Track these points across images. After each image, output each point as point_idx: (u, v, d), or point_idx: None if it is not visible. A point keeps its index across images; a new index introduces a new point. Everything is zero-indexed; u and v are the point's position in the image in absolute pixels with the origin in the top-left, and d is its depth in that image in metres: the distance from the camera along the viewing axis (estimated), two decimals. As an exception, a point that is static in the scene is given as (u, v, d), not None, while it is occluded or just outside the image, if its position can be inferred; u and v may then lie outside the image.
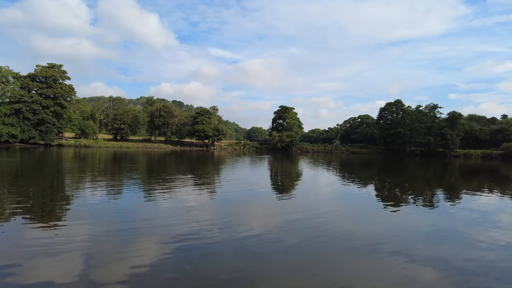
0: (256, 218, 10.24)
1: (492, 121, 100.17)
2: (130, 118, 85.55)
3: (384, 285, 5.44)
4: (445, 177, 28.56)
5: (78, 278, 5.27)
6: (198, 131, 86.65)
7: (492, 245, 7.94)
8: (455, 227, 9.70)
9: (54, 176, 19.36)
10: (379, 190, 18.09)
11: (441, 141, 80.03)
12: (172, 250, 6.74)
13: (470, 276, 5.91)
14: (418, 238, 8.41)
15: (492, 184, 23.58)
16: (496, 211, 12.47)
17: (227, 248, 6.94)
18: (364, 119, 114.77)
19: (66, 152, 46.89)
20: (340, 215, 10.95)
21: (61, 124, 64.72)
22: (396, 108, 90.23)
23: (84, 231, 7.87)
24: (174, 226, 8.65)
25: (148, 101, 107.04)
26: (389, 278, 5.78)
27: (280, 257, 6.57)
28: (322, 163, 42.20)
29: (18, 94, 57.49)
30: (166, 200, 12.47)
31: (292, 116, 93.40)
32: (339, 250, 7.21)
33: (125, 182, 17.44)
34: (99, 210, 10.24)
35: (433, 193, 17.58)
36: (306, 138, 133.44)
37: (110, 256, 6.29)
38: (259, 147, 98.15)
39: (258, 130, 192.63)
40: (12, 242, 6.93)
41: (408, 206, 13.27)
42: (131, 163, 32.15)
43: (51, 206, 10.79)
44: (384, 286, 5.42)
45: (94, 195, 12.89)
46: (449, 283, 5.60)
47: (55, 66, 62.99)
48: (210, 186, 16.96)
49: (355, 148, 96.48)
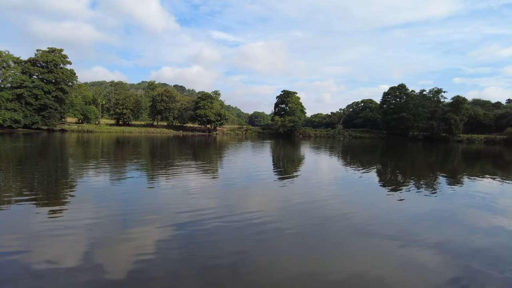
0: (258, 202, 10.35)
1: (496, 105, 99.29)
2: (132, 102, 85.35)
3: (383, 268, 5.54)
4: (447, 162, 28.55)
5: (84, 261, 5.40)
6: (200, 116, 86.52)
7: (491, 229, 8.02)
8: (455, 211, 9.77)
9: (58, 161, 19.53)
10: (381, 175, 18.15)
11: (444, 126, 79.61)
12: (175, 233, 6.86)
13: (468, 259, 6.00)
14: (418, 222, 8.49)
15: (494, 169, 23.58)
16: (497, 195, 12.52)
17: (229, 231, 7.05)
18: (367, 104, 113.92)
19: (69, 137, 47.11)
20: (340, 199, 11.04)
21: (63, 109, 64.71)
22: (399, 92, 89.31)
23: (89, 214, 8.01)
24: (177, 209, 8.77)
25: (149, 85, 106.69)
26: (387, 261, 5.88)
27: (281, 240, 6.68)
28: (324, 148, 42.22)
29: (20, 79, 57.24)
30: (169, 184, 12.60)
31: (294, 101, 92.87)
32: (339, 234, 7.31)
33: (128, 167, 17.58)
34: (103, 194, 10.38)
35: (434, 177, 17.62)
36: (309, 123, 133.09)
37: (114, 239, 6.42)
38: (262, 132, 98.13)
39: (260, 115, 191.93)
40: (19, 225, 7.08)
41: (409, 190, 13.34)
42: (134, 147, 32.32)
43: (56, 190, 10.94)
44: (383, 269, 5.52)
45: (98, 179, 13.03)
46: (446, 266, 5.70)
47: (55, 51, 62.45)
48: (212, 171, 17.09)
49: (357, 133, 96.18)
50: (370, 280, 5.07)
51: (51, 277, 4.81)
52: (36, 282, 4.66)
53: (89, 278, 4.83)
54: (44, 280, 4.73)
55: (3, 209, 8.32)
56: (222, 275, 5.06)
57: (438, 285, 4.97)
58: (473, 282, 5.11)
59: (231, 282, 4.87)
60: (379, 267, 5.56)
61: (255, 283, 4.87)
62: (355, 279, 5.08)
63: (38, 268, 5.10)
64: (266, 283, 4.90)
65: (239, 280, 4.95)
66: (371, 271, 5.39)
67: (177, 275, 5.02)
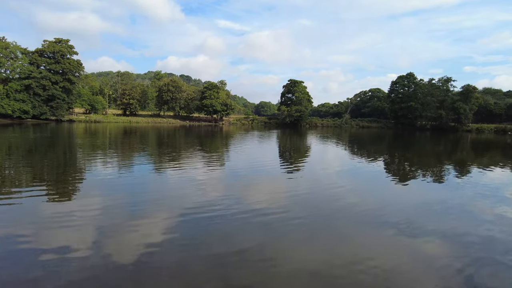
0: (264, 192, 10.37)
1: (508, 94, 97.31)
2: (139, 93, 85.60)
3: (390, 258, 5.53)
4: (455, 152, 28.21)
5: (92, 249, 5.49)
6: (207, 106, 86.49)
7: (499, 220, 7.92)
8: (463, 202, 9.67)
9: (67, 151, 19.76)
10: (388, 165, 18.02)
11: (453, 115, 78.43)
12: (181, 223, 6.92)
13: (474, 250, 5.95)
14: (425, 212, 8.43)
15: (503, 159, 23.23)
16: (506, 186, 12.35)
17: (236, 221, 7.08)
18: (375, 93, 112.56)
19: (77, 127, 47.56)
20: (347, 189, 11.00)
21: (70, 100, 65.19)
22: (408, 81, 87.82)
23: (97, 204, 8.11)
24: (183, 199, 8.84)
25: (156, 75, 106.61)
26: (395, 251, 5.86)
27: (288, 230, 6.69)
28: (331, 138, 42.00)
29: (27, 70, 57.68)
30: (175, 174, 12.68)
31: (301, 90, 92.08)
32: (346, 224, 7.30)
33: (135, 157, 17.72)
34: (110, 184, 10.49)
35: (442, 168, 17.44)
36: (315, 113, 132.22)
37: (122, 228, 6.50)
38: (268, 122, 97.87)
39: (267, 104, 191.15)
40: (29, 214, 7.20)
41: (417, 180, 13.23)
42: (141, 138, 32.53)
43: (65, 180, 11.09)
44: (391, 258, 5.51)
45: (106, 169, 13.16)
46: (455, 256, 5.65)
47: (62, 41, 62.58)
48: (219, 161, 17.14)
49: (365, 123, 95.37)
50: (377, 269, 5.06)
51: (59, 266, 4.89)
52: (45, 270, 4.75)
53: (97, 267, 4.90)
54: (53, 268, 4.81)
55: (14, 197, 8.47)
56: (229, 265, 5.09)
57: (447, 275, 4.95)
58: (481, 272, 5.07)
59: (239, 271, 4.91)
60: (387, 257, 5.55)
61: (262, 273, 4.90)
62: (363, 269, 5.08)
63: (47, 257, 5.19)
64: (273, 272, 4.92)
65: (247, 269, 4.98)
66: (379, 260, 5.38)
67: (184, 265, 5.07)
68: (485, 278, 4.89)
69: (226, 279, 4.65)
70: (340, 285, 4.64)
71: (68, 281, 4.47)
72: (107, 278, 4.60)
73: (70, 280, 4.49)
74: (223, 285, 4.52)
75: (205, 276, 4.76)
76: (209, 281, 4.62)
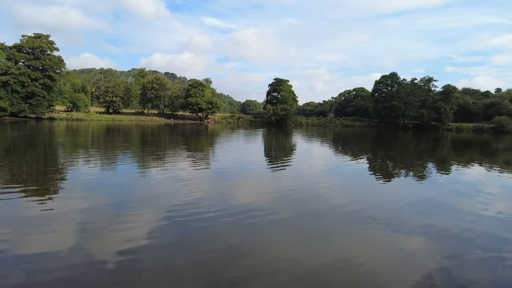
0: (251, 191, 10.37)
1: (485, 94, 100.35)
2: (122, 90, 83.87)
3: (372, 254, 5.63)
4: (436, 150, 28.97)
5: (73, 250, 5.35)
6: (192, 104, 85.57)
7: (478, 215, 8.19)
8: (444, 198, 9.94)
9: (47, 150, 19.20)
10: (371, 163, 18.34)
11: (434, 115, 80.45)
12: (166, 223, 6.84)
13: (455, 245, 6.13)
14: (408, 209, 8.63)
15: (481, 157, 24.01)
16: (484, 183, 12.77)
17: (222, 221, 7.04)
18: (359, 92, 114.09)
19: (58, 125, 46.28)
20: (332, 188, 11.14)
21: (51, 97, 63.23)
22: (391, 81, 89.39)
23: (79, 204, 7.91)
24: (168, 199, 8.73)
25: (140, 73, 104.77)
26: (376, 247, 5.96)
27: (274, 230, 6.71)
28: (316, 137, 42.38)
29: (5, 66, 55.53)
30: (160, 173, 12.52)
31: (287, 89, 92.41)
32: (331, 221, 7.38)
33: (119, 156, 17.40)
34: (93, 184, 10.25)
35: (424, 165, 17.88)
36: (301, 111, 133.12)
37: (104, 229, 6.37)
38: (254, 120, 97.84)
39: (253, 103, 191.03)
40: (6, 215, 6.96)
41: (399, 178, 13.52)
42: (124, 136, 31.94)
43: (45, 180, 10.78)
44: (372, 255, 5.61)
45: (88, 168, 12.86)
46: (435, 252, 5.81)
47: (42, 36, 60.60)
48: (204, 160, 17.02)
49: (349, 121, 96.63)
50: (358, 265, 5.14)
51: (41, 267, 4.75)
52: (26, 272, 4.60)
53: (80, 268, 4.78)
54: (34, 270, 4.67)
55: (-9, 199, 8.17)
56: (215, 264, 5.07)
57: (426, 270, 5.07)
58: (460, 268, 5.22)
59: (225, 270, 4.89)
60: (368, 253, 5.64)
61: (249, 271, 4.89)
62: (347, 265, 5.15)
63: (28, 258, 5.03)
64: (260, 270, 4.93)
65: (232, 268, 4.97)
66: (360, 256, 5.47)
67: (170, 265, 5.00)
68: (466, 273, 5.05)
69: (211, 278, 4.62)
70: (325, 280, 4.68)
71: (46, 282, 4.34)
72: (89, 279, 4.49)
73: (48, 282, 4.37)
74: (207, 283, 4.49)
75: (189, 275, 4.70)
76: (193, 280, 4.57)
